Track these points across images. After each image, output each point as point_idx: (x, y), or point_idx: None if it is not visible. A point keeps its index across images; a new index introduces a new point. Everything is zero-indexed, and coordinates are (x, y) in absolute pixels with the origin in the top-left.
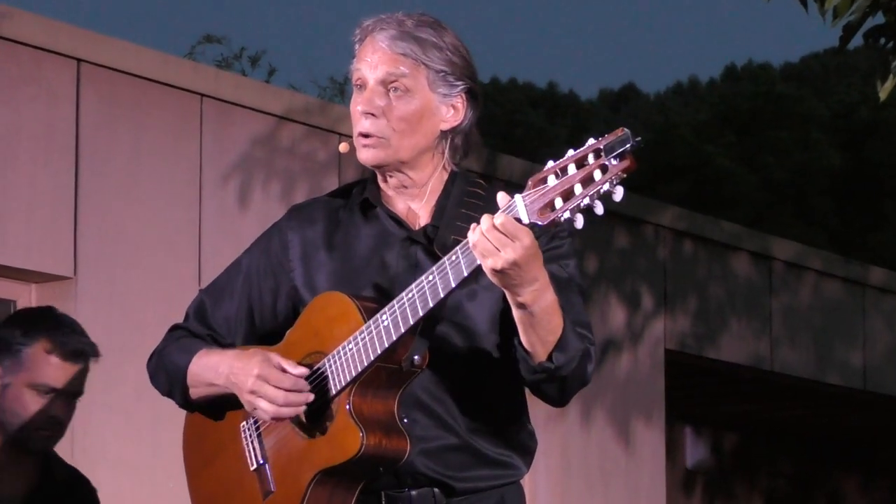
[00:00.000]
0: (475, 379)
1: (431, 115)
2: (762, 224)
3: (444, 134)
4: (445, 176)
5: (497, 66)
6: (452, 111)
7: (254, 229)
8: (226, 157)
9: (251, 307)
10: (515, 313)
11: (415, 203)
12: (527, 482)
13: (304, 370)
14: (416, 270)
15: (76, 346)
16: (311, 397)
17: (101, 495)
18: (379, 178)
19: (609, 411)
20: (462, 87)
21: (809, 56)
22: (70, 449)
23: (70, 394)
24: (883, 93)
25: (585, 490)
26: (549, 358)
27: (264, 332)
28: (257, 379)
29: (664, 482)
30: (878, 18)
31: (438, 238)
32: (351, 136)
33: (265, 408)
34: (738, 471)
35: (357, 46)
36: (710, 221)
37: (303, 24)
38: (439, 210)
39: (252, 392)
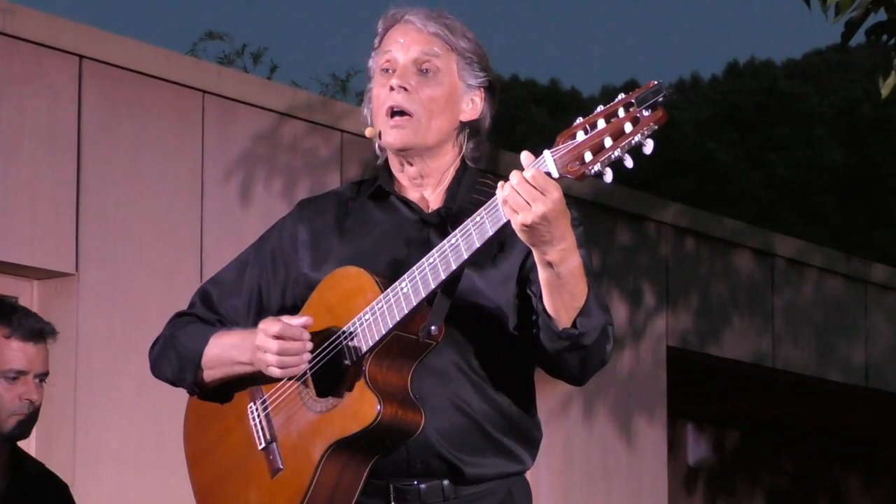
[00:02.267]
0: (488, 362)
1: (456, 102)
2: (764, 221)
3: (462, 125)
4: (456, 168)
5: (499, 63)
6: (472, 104)
7: (256, 226)
8: (228, 153)
9: (260, 295)
10: (542, 274)
11: (428, 191)
12: (529, 478)
13: (305, 319)
14: (429, 251)
15: (33, 326)
16: (309, 345)
17: (103, 491)
18: (395, 167)
19: (611, 408)
20: (484, 78)
21: (812, 53)
22: (72, 446)
23: (37, 375)
24: (885, 89)
25: (587, 487)
26: (574, 324)
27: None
28: (260, 333)
29: (666, 479)
30: (881, 15)
31: (452, 220)
32: (353, 134)
33: (268, 359)
34: (740, 468)
35: (380, 38)
36: (713, 218)
37: (305, 21)
38: (451, 196)
39: (258, 347)
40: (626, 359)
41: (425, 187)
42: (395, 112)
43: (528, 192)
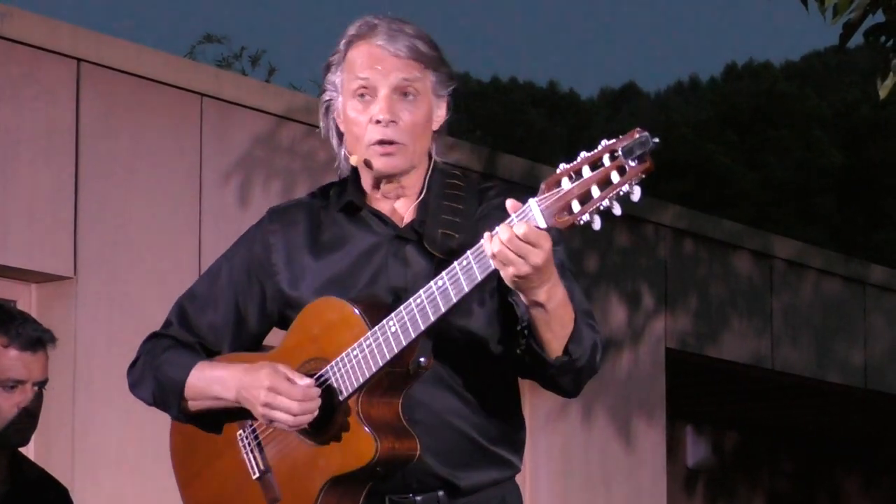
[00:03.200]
0: (475, 375)
1: (430, 118)
2: (763, 222)
3: (434, 134)
4: (428, 173)
5: (497, 65)
6: (440, 111)
7: None
8: (226, 156)
9: (238, 313)
10: (532, 312)
11: (399, 201)
12: (527, 483)
13: (309, 380)
14: (407, 268)
15: (32, 334)
16: (320, 402)
17: (102, 495)
18: (368, 182)
19: (610, 410)
20: (452, 87)
21: (810, 54)
22: (70, 449)
23: (36, 383)
24: (883, 91)
25: (587, 490)
26: (566, 351)
27: (251, 336)
28: (269, 391)
29: (665, 481)
30: (879, 17)
31: (427, 234)
32: None
33: (283, 419)
34: (740, 470)
35: (344, 52)
36: (711, 220)
37: (303, 24)
38: (423, 206)
39: (266, 405)
40: (624, 361)
41: (396, 198)
42: (383, 142)
43: (519, 248)
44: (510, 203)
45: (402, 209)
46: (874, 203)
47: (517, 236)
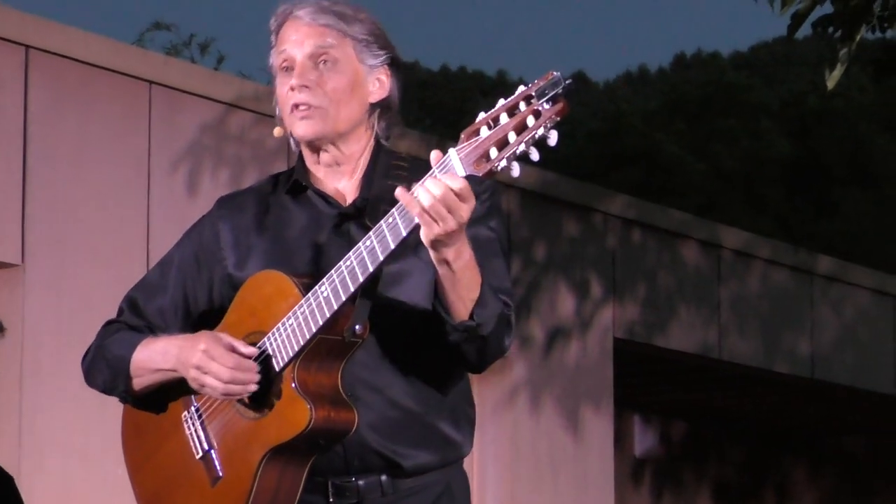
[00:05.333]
0: (415, 350)
1: (361, 86)
2: (711, 212)
3: (372, 107)
4: (371, 152)
5: (447, 54)
6: (378, 84)
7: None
8: (175, 143)
9: (186, 298)
10: (439, 270)
11: (343, 181)
12: (475, 470)
13: (253, 350)
14: (350, 245)
15: None
16: (258, 377)
17: (50, 482)
18: (309, 157)
19: (558, 399)
20: (385, 56)
21: (759, 45)
22: (17, 435)
23: None
24: (831, 81)
25: (534, 478)
26: (471, 316)
27: (200, 321)
28: (203, 354)
29: (613, 470)
30: (827, 7)
31: (369, 210)
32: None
33: (212, 384)
34: (687, 459)
35: (275, 35)
36: (659, 210)
37: (253, 12)
38: (367, 184)
39: (197, 367)
40: (572, 350)
41: (341, 176)
42: (299, 106)
43: (452, 203)
44: (434, 154)
45: (346, 189)
46: (822, 193)
47: (452, 190)
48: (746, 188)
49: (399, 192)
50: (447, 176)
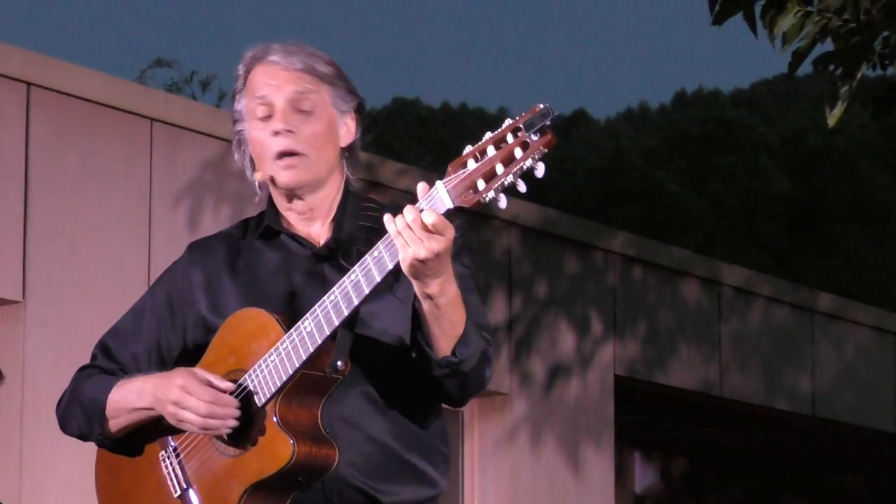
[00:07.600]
0: (393, 387)
1: (334, 131)
2: (712, 249)
3: (342, 151)
4: (342, 195)
5: (448, 91)
6: (346, 128)
7: None
8: (176, 180)
9: (159, 344)
10: (423, 306)
11: (315, 225)
12: None
13: (230, 385)
14: (324, 285)
15: None
16: (237, 412)
17: None
18: (282, 204)
19: (558, 436)
20: (354, 102)
21: (759, 82)
22: (18, 471)
23: None
24: (832, 119)
25: None
26: (454, 352)
27: (174, 366)
28: (180, 389)
29: None
30: (828, 45)
31: (343, 250)
32: None
33: (190, 419)
34: (687, 496)
35: (242, 80)
36: (660, 247)
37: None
38: (338, 226)
39: (175, 403)
40: (573, 387)
41: (314, 220)
42: (284, 154)
43: (423, 232)
44: (421, 186)
45: (318, 233)
46: (822, 230)
47: (423, 221)
48: (747, 225)
49: (387, 217)
50: (427, 212)
